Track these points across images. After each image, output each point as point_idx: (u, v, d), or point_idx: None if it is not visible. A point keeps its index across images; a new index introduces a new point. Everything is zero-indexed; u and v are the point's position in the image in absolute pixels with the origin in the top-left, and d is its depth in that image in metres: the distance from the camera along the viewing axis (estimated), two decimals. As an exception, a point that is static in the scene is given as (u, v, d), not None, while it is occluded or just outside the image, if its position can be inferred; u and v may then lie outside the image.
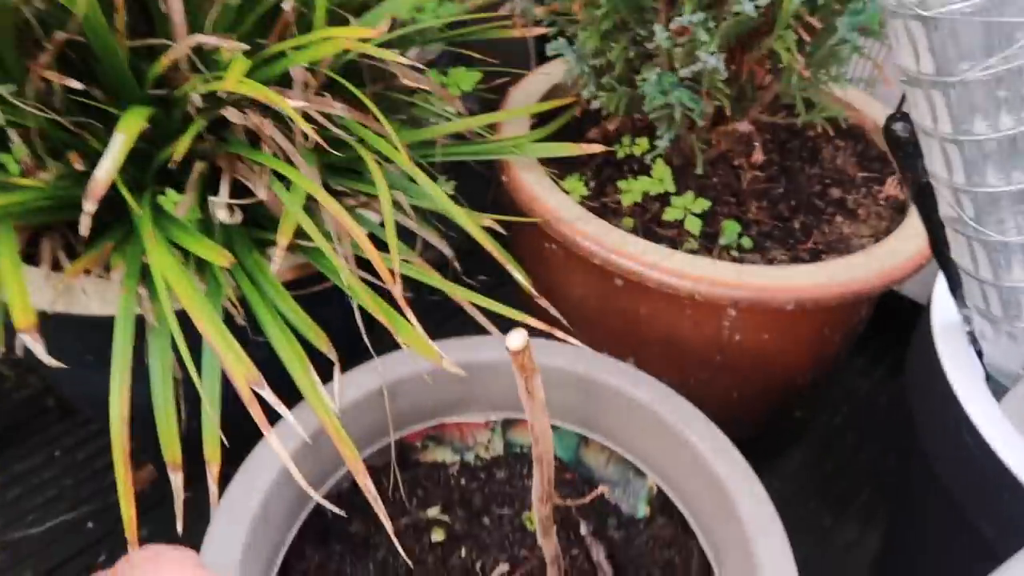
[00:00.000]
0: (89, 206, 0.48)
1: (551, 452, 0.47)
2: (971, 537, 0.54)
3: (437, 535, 0.61)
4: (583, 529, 0.62)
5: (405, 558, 0.58)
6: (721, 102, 0.62)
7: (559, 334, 0.61)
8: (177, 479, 0.52)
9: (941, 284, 0.60)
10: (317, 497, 0.51)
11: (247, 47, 0.52)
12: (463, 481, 0.64)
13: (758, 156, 0.70)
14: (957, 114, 0.40)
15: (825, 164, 0.81)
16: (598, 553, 0.61)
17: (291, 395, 0.55)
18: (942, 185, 0.45)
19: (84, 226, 0.48)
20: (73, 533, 0.84)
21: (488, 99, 0.81)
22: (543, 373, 0.43)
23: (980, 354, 0.56)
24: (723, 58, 0.55)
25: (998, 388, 0.56)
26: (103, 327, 0.60)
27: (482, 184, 0.93)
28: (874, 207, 0.76)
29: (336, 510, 0.55)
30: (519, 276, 0.62)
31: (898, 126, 0.46)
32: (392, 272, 0.55)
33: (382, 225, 0.68)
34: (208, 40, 0.52)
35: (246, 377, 0.48)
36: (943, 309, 0.59)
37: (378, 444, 0.62)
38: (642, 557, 0.61)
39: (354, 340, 0.59)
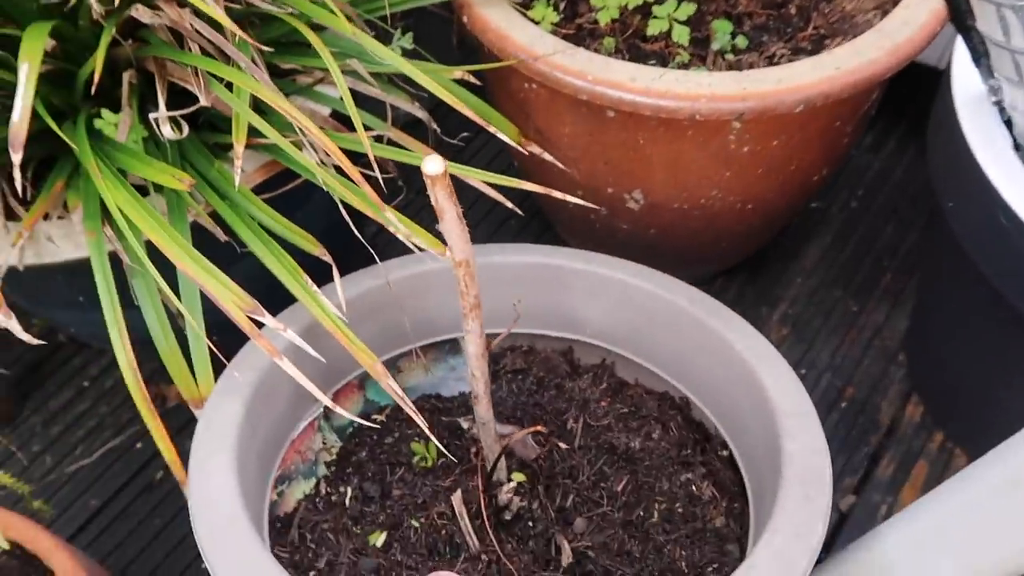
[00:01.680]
0: (16, 156, 0.43)
1: (474, 297, 0.43)
2: (998, 310, 0.52)
3: (378, 539, 0.55)
4: (463, 424, 0.60)
5: (440, 448, 0.58)
6: None
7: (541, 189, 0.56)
8: (199, 411, 0.51)
9: (960, 54, 0.54)
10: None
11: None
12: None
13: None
14: None
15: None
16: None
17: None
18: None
19: (17, 179, 0.44)
20: (124, 457, 0.86)
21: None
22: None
23: (1010, 125, 0.51)
24: None
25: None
26: (85, 269, 0.57)
27: (443, 25, 0.84)
28: (877, -29, 0.68)
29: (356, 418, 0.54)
30: (503, 135, 0.57)
31: None
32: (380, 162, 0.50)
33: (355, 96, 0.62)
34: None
35: (240, 306, 0.45)
36: (965, 81, 0.54)
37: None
38: (518, 396, 0.61)
39: (344, 238, 0.56)
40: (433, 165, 0.36)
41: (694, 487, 0.56)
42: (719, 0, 0.68)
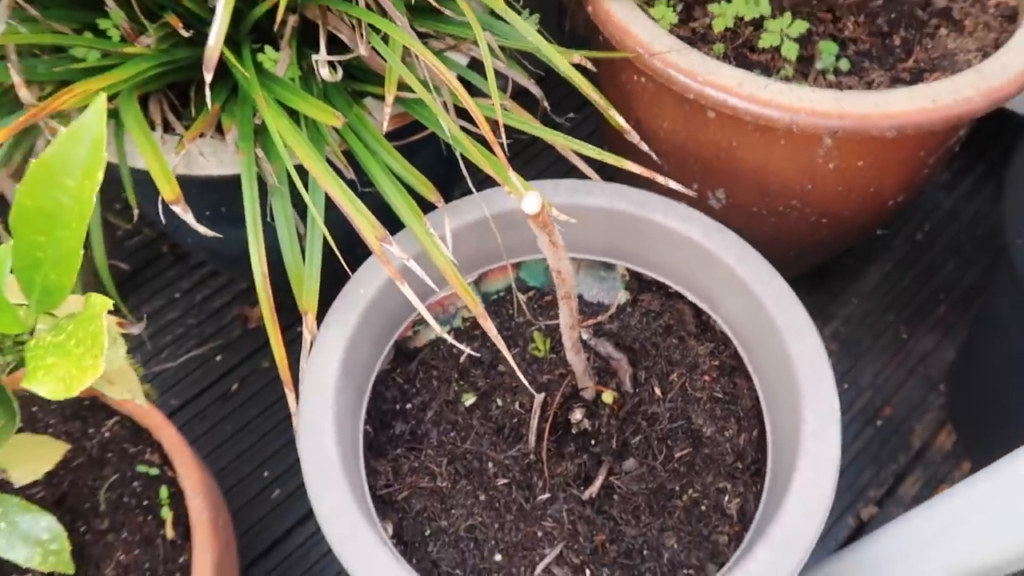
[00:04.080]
0: (208, 75, 0.49)
1: (573, 287, 0.49)
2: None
3: (469, 399, 0.65)
4: (584, 335, 0.66)
5: (527, 384, 0.64)
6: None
7: (646, 171, 0.61)
8: (309, 320, 0.58)
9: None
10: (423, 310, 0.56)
11: None
12: (466, 344, 0.67)
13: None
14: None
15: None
16: (606, 348, 0.65)
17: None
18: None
19: (208, 97, 0.50)
20: (204, 366, 0.93)
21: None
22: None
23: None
24: None
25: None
26: (219, 185, 0.64)
27: (551, 11, 0.89)
28: (982, 16, 0.72)
29: (445, 335, 0.60)
30: (618, 118, 0.63)
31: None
32: (494, 122, 0.56)
33: (469, 67, 0.68)
34: None
35: (375, 235, 0.51)
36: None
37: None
38: (642, 331, 0.67)
39: (447, 186, 0.61)
40: (531, 204, 0.40)
41: (725, 499, 0.61)
42: (828, 23, 0.72)
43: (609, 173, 0.65)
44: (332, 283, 0.61)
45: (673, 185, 0.61)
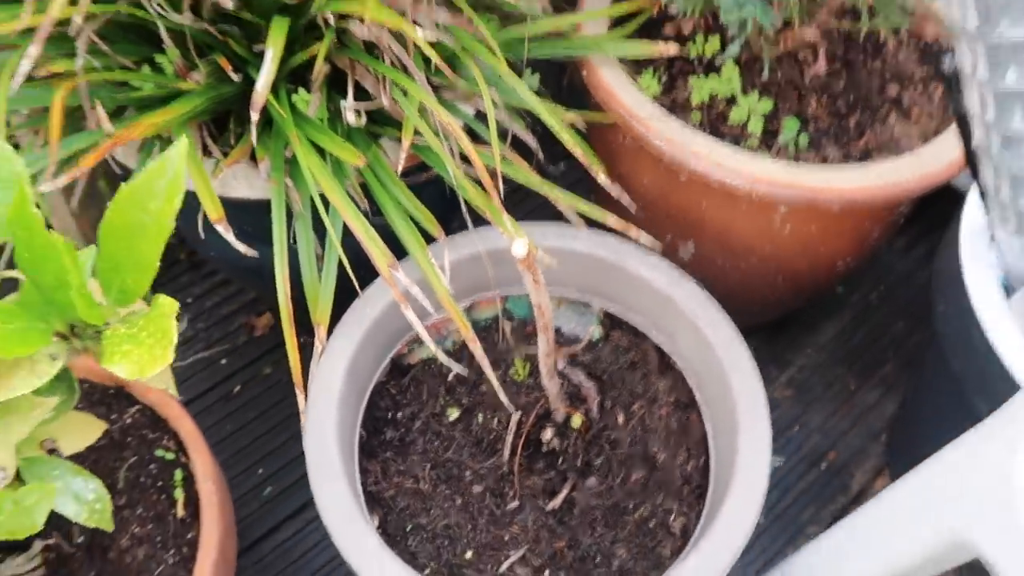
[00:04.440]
0: (255, 116, 0.58)
1: (551, 321, 0.58)
2: (967, 412, 0.65)
3: (453, 414, 0.73)
4: (560, 364, 0.74)
5: (508, 404, 0.72)
6: (790, 13, 0.68)
7: (621, 224, 0.70)
8: (321, 332, 0.66)
9: (975, 190, 0.67)
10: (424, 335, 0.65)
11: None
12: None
13: (820, 66, 0.76)
14: (993, 65, 0.47)
15: (887, 58, 0.85)
16: (578, 376, 0.74)
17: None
18: (976, 119, 0.52)
19: (254, 135, 0.59)
20: (209, 368, 1.01)
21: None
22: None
23: (1000, 259, 0.64)
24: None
25: (1012, 290, 0.66)
26: (248, 207, 0.72)
27: (554, 68, 0.99)
28: (927, 106, 0.82)
29: (440, 354, 0.68)
30: (601, 176, 0.72)
31: (946, 61, 0.53)
32: (492, 172, 0.65)
33: (476, 117, 0.77)
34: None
35: (385, 262, 0.60)
36: (973, 213, 0.67)
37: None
38: (611, 364, 0.75)
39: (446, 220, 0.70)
40: (520, 249, 0.49)
41: (671, 518, 0.69)
42: (794, 100, 0.82)
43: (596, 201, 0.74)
44: (341, 299, 0.69)
45: (644, 239, 0.69)
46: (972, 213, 0.67)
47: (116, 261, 0.43)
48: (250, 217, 0.72)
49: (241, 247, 0.60)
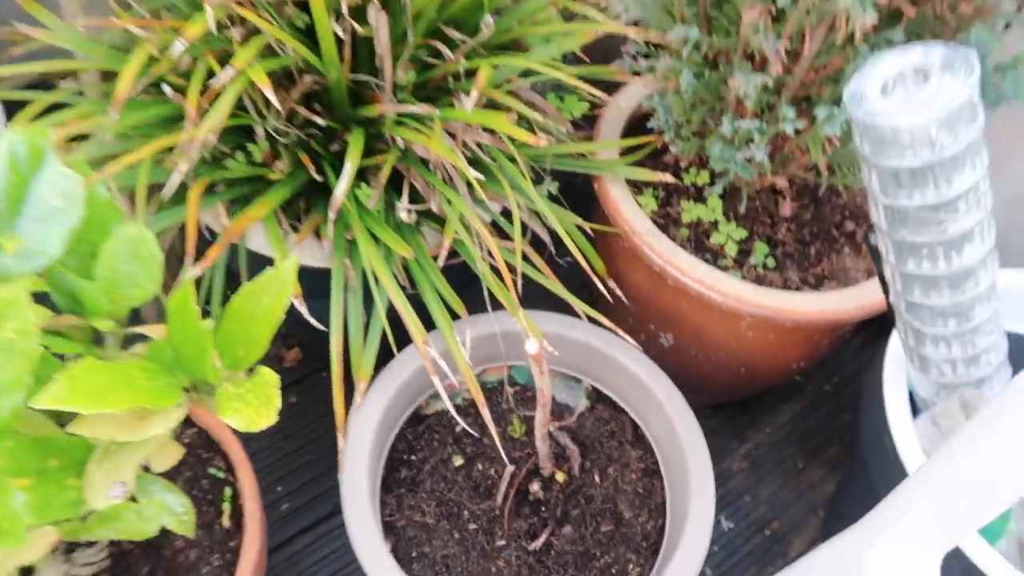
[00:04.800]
0: (332, 215, 0.73)
1: (550, 397, 0.73)
2: (875, 500, 0.80)
3: (458, 460, 0.88)
4: (550, 428, 0.89)
5: (504, 456, 0.86)
6: (764, 170, 0.84)
7: (611, 324, 0.86)
8: (362, 387, 0.80)
9: (899, 326, 0.83)
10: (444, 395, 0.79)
11: (437, 112, 0.75)
12: (462, 418, 0.90)
13: (787, 210, 0.92)
14: (898, 253, 0.63)
15: (848, 198, 1.02)
16: (564, 439, 0.88)
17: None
18: (889, 284, 0.68)
19: (331, 229, 0.74)
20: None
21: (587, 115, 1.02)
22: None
23: (911, 385, 0.80)
24: (769, 150, 0.77)
25: (920, 409, 0.81)
26: (307, 273, 0.87)
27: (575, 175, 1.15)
28: (878, 242, 0.98)
29: (448, 402, 0.83)
30: (598, 282, 0.87)
31: (871, 237, 0.69)
32: (512, 268, 0.80)
33: (502, 214, 0.93)
34: (408, 108, 0.75)
35: (420, 337, 0.75)
36: (896, 343, 0.82)
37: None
38: (593, 432, 0.90)
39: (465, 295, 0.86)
40: (532, 347, 0.64)
41: (630, 567, 0.83)
42: (767, 226, 0.97)
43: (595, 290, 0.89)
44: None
45: (630, 341, 0.85)
46: (896, 343, 0.83)
47: (233, 337, 0.58)
48: (308, 280, 0.87)
49: (312, 320, 0.75)
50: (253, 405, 0.55)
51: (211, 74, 0.69)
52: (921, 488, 0.60)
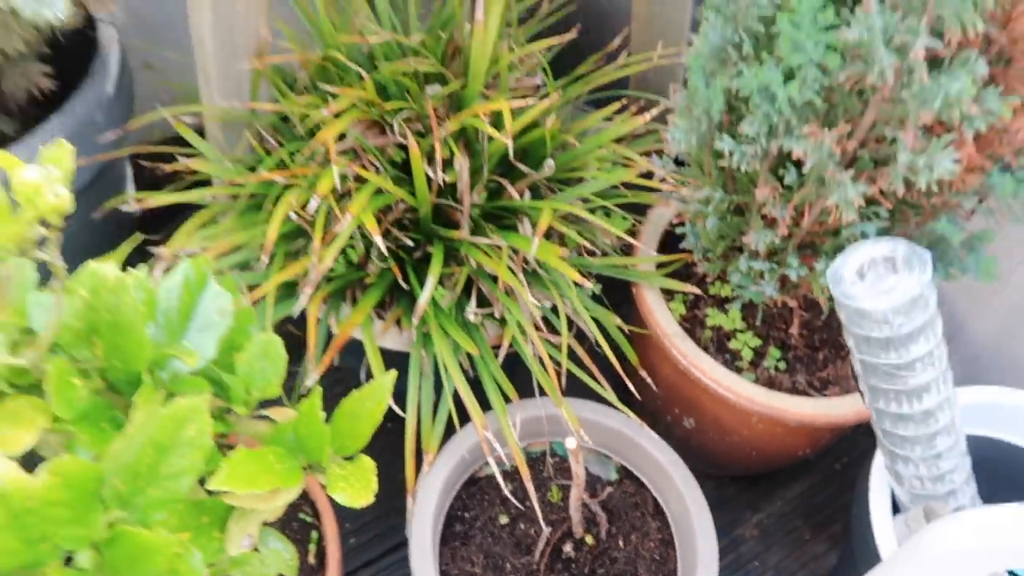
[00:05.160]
0: (415, 319, 0.91)
1: (583, 480, 0.89)
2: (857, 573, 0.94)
3: (503, 519, 1.04)
4: (584, 498, 1.04)
5: (543, 524, 1.03)
6: (777, 294, 0.99)
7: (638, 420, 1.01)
8: (430, 457, 0.97)
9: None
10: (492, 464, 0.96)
11: (504, 243, 0.92)
12: (508, 483, 1.06)
13: (795, 328, 1.07)
14: (870, 394, 0.78)
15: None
16: (595, 507, 1.04)
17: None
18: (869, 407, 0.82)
19: (413, 332, 0.92)
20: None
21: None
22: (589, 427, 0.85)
23: (893, 488, 0.94)
24: (778, 285, 0.92)
25: (899, 510, 0.95)
26: (386, 355, 1.05)
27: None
28: (881, 351, 1.12)
29: (497, 473, 1.00)
30: (629, 384, 1.03)
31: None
32: (559, 367, 0.97)
33: (553, 311, 1.09)
34: (481, 240, 0.93)
35: (480, 421, 0.92)
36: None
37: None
38: (620, 503, 1.05)
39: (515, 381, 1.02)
40: (571, 442, 0.81)
41: None
42: (782, 331, 1.12)
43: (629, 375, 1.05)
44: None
45: (653, 434, 1.01)
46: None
47: (342, 431, 0.75)
48: (387, 361, 1.05)
49: (393, 406, 0.92)
50: (355, 486, 0.73)
51: (329, 209, 0.88)
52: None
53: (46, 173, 0.51)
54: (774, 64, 0.69)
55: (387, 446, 0.96)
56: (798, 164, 0.77)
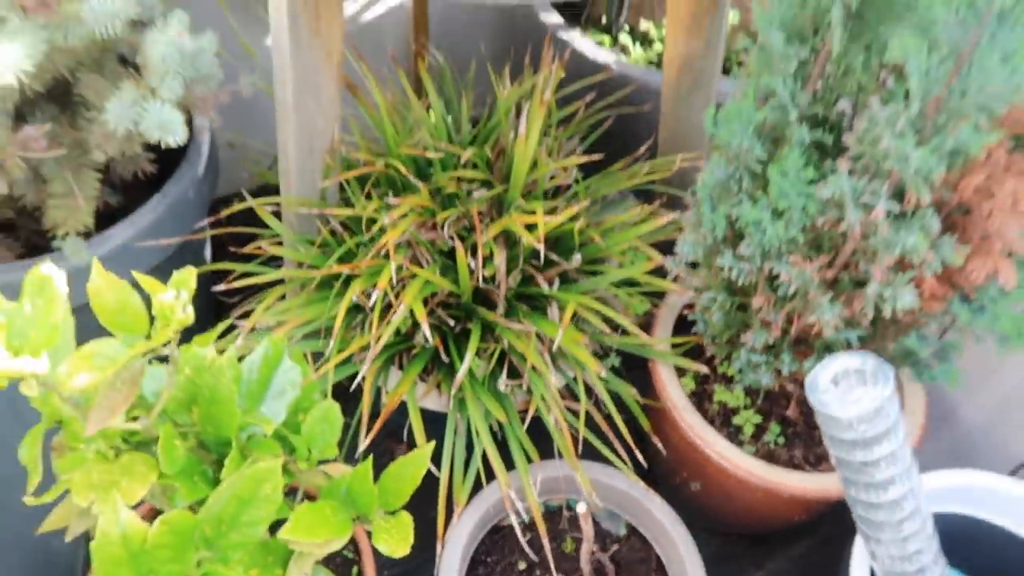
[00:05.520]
0: (454, 390, 1.05)
1: (592, 538, 1.01)
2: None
3: (521, 565, 1.17)
4: (594, 550, 1.16)
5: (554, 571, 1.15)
6: (772, 384, 1.11)
7: (645, 486, 1.14)
8: (459, 509, 1.11)
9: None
10: (513, 517, 1.09)
11: (534, 329, 1.06)
12: (527, 534, 1.19)
13: (792, 411, 1.18)
14: (844, 483, 0.89)
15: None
16: (604, 559, 1.15)
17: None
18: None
19: (451, 400, 1.06)
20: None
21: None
22: (602, 487, 0.97)
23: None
24: (774, 375, 1.05)
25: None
26: (427, 413, 1.19)
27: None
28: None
29: (516, 526, 1.13)
30: (639, 455, 1.16)
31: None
32: (575, 436, 1.10)
33: (575, 379, 1.22)
34: (514, 326, 1.06)
35: (506, 482, 1.05)
36: (866, 526, 1.07)
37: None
38: (626, 557, 1.16)
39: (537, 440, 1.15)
40: (582, 507, 0.93)
41: None
42: (782, 406, 1.24)
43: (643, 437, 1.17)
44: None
45: (658, 498, 1.13)
46: (867, 525, 1.07)
47: (387, 490, 0.89)
48: (428, 418, 1.20)
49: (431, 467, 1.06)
50: (396, 538, 0.86)
51: (385, 293, 1.03)
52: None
53: (178, 296, 0.66)
54: (766, 204, 0.82)
55: (420, 491, 1.09)
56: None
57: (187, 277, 0.68)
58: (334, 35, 1.01)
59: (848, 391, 0.83)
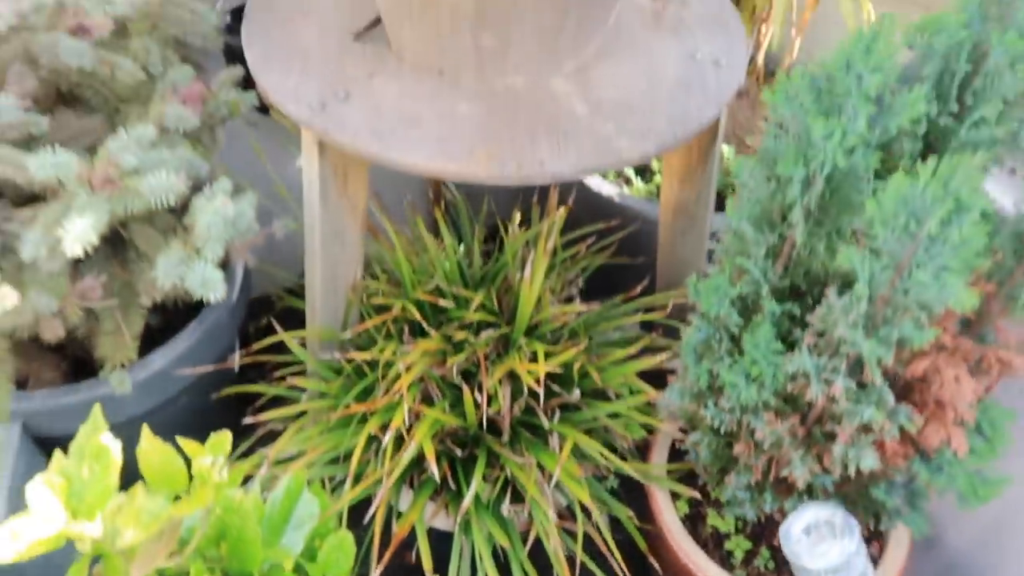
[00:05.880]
0: (460, 515, 1.13)
1: None
2: None
3: None
4: None
5: None
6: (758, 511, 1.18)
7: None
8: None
9: None
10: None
11: (534, 461, 1.15)
12: None
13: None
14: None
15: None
16: None
17: None
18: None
19: (456, 522, 1.14)
20: None
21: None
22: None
23: None
24: (757, 509, 1.12)
25: None
26: (437, 532, 1.27)
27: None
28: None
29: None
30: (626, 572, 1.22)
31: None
32: (572, 559, 1.17)
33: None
34: (517, 459, 1.15)
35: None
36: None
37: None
38: None
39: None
40: None
41: None
42: (770, 534, 1.30)
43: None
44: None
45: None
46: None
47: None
48: (435, 537, 1.27)
49: (438, 591, 1.14)
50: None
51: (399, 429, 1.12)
52: None
53: (215, 461, 0.75)
54: (741, 368, 0.91)
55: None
56: (767, 430, 0.98)
57: (223, 441, 0.77)
58: (359, 194, 1.13)
59: (819, 541, 0.90)
